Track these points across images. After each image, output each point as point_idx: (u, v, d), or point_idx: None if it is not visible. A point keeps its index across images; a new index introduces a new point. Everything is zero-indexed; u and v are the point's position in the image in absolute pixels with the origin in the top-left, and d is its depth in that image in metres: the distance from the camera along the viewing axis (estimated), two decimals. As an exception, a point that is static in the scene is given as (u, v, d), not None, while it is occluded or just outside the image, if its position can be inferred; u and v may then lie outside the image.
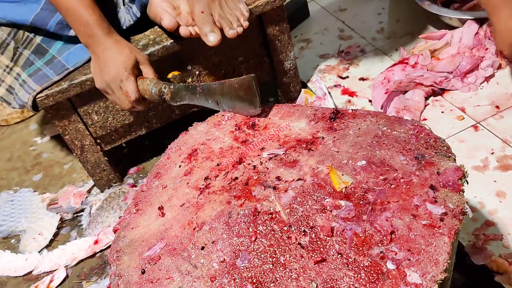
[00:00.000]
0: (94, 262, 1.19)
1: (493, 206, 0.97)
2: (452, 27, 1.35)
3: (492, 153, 1.07)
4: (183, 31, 1.05)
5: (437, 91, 1.26)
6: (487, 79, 1.25)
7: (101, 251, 1.20)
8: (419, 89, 1.24)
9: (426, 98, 1.25)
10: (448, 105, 1.22)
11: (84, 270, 1.17)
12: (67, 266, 1.19)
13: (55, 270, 1.18)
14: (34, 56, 1.12)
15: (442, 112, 1.21)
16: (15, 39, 1.10)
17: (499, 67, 1.27)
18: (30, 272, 1.20)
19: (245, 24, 1.03)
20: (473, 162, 1.06)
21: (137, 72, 1.01)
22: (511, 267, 0.86)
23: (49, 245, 1.26)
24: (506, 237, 0.92)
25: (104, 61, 1.00)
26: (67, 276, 1.17)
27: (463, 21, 1.31)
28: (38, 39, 1.11)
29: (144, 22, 1.14)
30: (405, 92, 1.26)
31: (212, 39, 1.00)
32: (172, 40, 1.13)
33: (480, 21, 1.27)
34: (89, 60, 1.12)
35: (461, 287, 0.91)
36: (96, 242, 1.20)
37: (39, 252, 1.24)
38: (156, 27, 1.18)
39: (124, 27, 1.13)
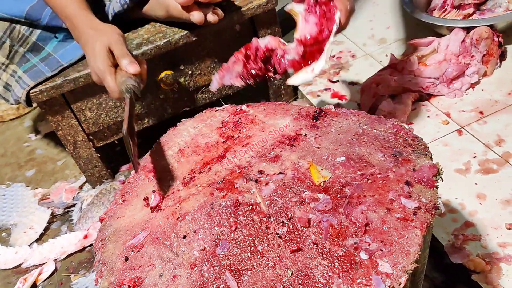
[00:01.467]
0: (83, 256, 1.20)
1: (473, 208, 0.99)
2: (440, 35, 1.38)
3: (475, 157, 1.10)
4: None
5: (423, 96, 1.28)
6: (473, 85, 1.28)
7: (90, 245, 1.21)
8: (406, 93, 1.27)
9: (413, 103, 1.28)
10: (434, 109, 1.25)
11: (73, 264, 1.19)
12: (56, 259, 1.21)
13: (44, 264, 1.20)
14: (30, 53, 1.15)
15: (428, 116, 1.24)
16: (10, 37, 1.12)
17: (485, 74, 1.30)
18: (20, 265, 1.22)
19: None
20: (455, 165, 1.09)
21: (114, 63, 0.91)
22: (487, 267, 0.88)
23: (39, 239, 1.28)
24: (484, 237, 0.94)
25: (88, 57, 0.94)
26: (56, 270, 1.19)
27: (450, 29, 1.34)
28: (34, 37, 1.14)
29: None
30: (393, 96, 1.28)
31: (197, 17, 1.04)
32: (165, 40, 1.15)
33: (467, 30, 1.30)
34: (83, 57, 1.15)
35: (440, 285, 0.93)
36: (85, 236, 1.22)
37: (29, 245, 1.26)
38: (148, 26, 1.21)
39: (114, 12, 1.15)
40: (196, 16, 1.04)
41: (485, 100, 1.24)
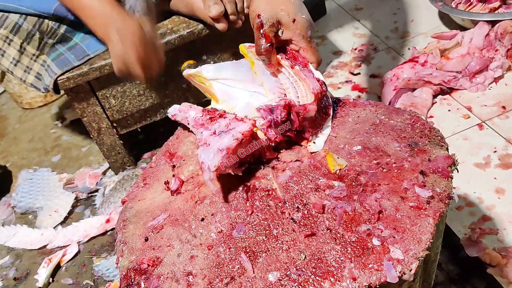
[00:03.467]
0: (104, 240, 1.24)
1: (491, 202, 0.99)
2: (464, 28, 1.36)
3: (495, 151, 1.09)
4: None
5: (445, 90, 1.28)
6: (496, 80, 1.27)
7: (112, 229, 1.25)
8: (427, 87, 1.27)
9: (434, 96, 1.27)
10: (455, 103, 1.25)
11: (95, 247, 1.23)
12: (79, 242, 1.25)
13: (68, 245, 1.25)
14: (59, 44, 1.19)
15: (449, 110, 1.23)
16: (40, 30, 1.16)
17: (509, 68, 1.28)
18: (45, 246, 1.27)
19: (247, 10, 1.08)
20: (475, 159, 1.08)
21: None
22: (503, 260, 0.88)
23: (64, 222, 1.33)
24: (501, 231, 0.94)
25: (112, 46, 1.00)
26: (79, 252, 1.23)
27: (475, 23, 1.33)
28: (62, 29, 1.17)
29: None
30: (414, 89, 1.28)
31: (214, 11, 1.05)
32: (188, 30, 1.18)
33: (492, 23, 1.29)
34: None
35: (455, 278, 0.93)
36: (108, 220, 1.26)
37: (54, 228, 1.30)
38: (173, 16, 1.23)
39: None
40: (221, 26, 1.08)
41: (508, 94, 1.22)
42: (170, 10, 1.21)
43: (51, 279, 1.18)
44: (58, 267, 1.21)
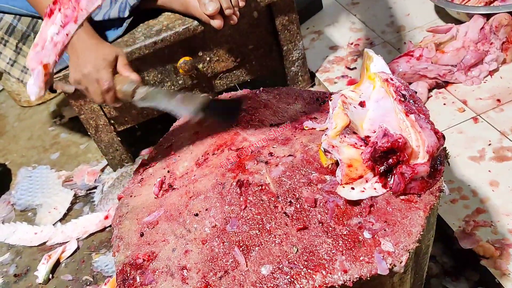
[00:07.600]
0: (103, 236, 1.25)
1: (485, 195, 1.00)
2: (460, 22, 1.37)
3: (490, 144, 1.10)
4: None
5: (440, 84, 1.28)
6: (491, 73, 1.27)
7: (110, 225, 1.26)
8: (423, 81, 1.27)
9: (430, 90, 1.28)
10: (451, 97, 1.25)
11: (94, 243, 1.24)
12: (78, 238, 1.26)
13: (67, 242, 1.26)
14: None
15: (444, 104, 1.24)
16: (34, 30, 1.17)
17: (504, 61, 1.29)
18: (44, 243, 1.28)
19: (241, 4, 1.06)
20: (470, 153, 1.09)
21: (114, 67, 0.90)
22: (497, 252, 0.89)
23: (63, 219, 1.34)
24: (495, 224, 0.94)
25: (83, 56, 0.92)
26: (78, 248, 1.24)
27: (470, 16, 1.33)
28: None
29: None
30: (409, 83, 1.28)
31: (210, 8, 1.03)
32: (184, 26, 1.18)
33: (487, 16, 1.29)
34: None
35: (449, 270, 0.94)
36: (106, 217, 1.27)
37: (53, 225, 1.31)
38: (168, 13, 1.23)
39: (130, 6, 1.16)
40: (216, 23, 1.05)
41: (503, 87, 1.23)
42: (160, 7, 1.21)
43: (51, 275, 1.19)
44: (57, 263, 1.22)
